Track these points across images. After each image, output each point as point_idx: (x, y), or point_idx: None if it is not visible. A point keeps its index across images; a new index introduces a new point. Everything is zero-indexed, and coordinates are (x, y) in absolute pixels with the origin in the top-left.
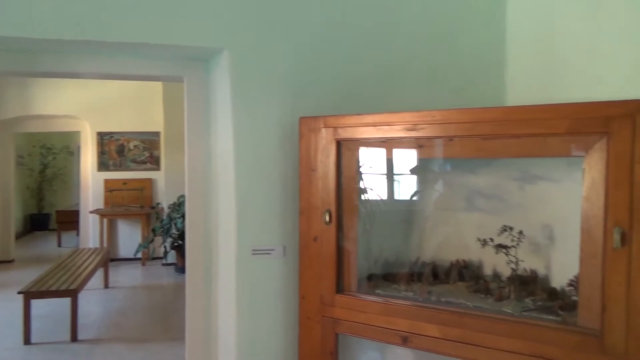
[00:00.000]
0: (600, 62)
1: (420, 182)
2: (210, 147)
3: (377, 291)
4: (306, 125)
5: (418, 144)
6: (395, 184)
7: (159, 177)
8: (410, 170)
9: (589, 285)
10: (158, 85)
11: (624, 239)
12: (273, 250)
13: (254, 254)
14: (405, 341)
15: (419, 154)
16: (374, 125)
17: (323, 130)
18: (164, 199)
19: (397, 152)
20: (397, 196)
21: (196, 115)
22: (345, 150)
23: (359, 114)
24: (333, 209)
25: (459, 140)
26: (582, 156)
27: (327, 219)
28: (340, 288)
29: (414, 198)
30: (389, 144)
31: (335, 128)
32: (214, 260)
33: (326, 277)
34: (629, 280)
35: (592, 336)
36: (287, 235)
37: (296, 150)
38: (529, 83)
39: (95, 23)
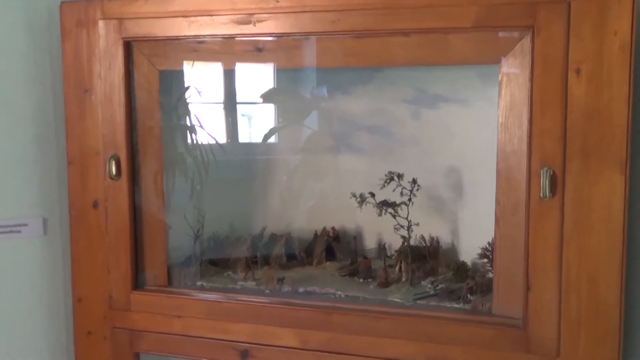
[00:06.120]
0: None
1: (275, 114)
2: None
3: (201, 283)
4: (72, 16)
5: (256, 46)
6: (240, 118)
7: None
8: (261, 97)
9: (507, 255)
10: None
11: (555, 184)
12: (24, 225)
13: None
14: (245, 357)
15: (261, 63)
16: (184, 15)
17: (101, 23)
18: None
19: (234, 66)
20: (242, 138)
21: None
22: (141, 56)
23: None
24: (123, 154)
25: (320, 40)
26: (497, 64)
27: (114, 170)
28: (140, 281)
29: (267, 140)
30: (211, 48)
31: (120, 20)
32: None
33: (116, 264)
34: (561, 244)
35: (512, 328)
36: (49, 202)
37: (59, 59)
38: None
39: None
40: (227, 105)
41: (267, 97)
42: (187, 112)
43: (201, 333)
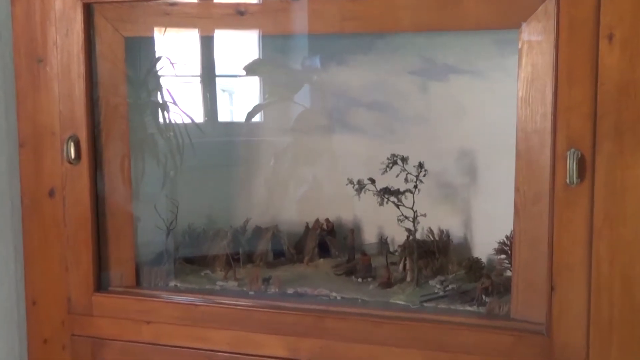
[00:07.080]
0: None
1: (260, 89)
2: None
3: (174, 283)
4: None
5: (238, 9)
6: (219, 94)
7: None
8: (244, 69)
9: (528, 250)
10: None
11: (583, 168)
12: None
13: None
14: None
15: (244, 29)
16: None
17: None
18: None
19: (212, 32)
20: (222, 117)
21: None
22: (103, 21)
23: None
24: (83, 134)
25: (312, 1)
26: (517, 29)
27: (73, 153)
28: (103, 282)
29: (251, 119)
30: (186, 12)
31: None
32: None
33: (76, 262)
34: (590, 237)
35: (533, 334)
36: None
37: (8, 25)
38: None
39: None
40: (204, 78)
41: (250, 69)
42: (159, 87)
43: (174, 341)
